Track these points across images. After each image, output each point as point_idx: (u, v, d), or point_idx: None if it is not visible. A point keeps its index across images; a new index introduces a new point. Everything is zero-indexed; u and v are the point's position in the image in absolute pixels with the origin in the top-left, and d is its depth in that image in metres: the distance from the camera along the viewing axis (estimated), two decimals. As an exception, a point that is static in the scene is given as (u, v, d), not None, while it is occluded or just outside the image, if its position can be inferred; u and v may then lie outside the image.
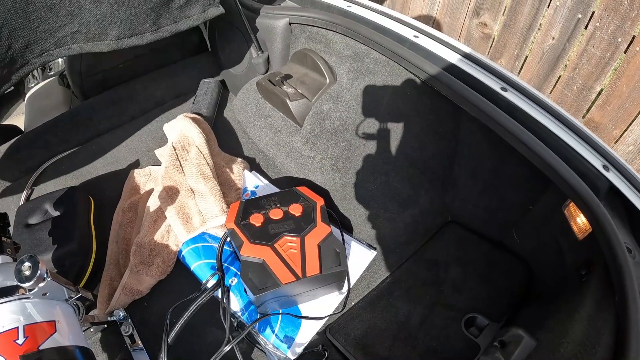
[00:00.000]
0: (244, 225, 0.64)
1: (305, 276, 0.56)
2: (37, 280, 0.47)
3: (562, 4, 1.17)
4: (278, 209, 0.66)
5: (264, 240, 0.61)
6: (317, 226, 0.63)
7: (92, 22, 0.70)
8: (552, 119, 0.62)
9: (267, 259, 0.58)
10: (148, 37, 0.76)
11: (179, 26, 0.78)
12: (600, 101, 1.22)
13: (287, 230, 0.62)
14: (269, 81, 0.82)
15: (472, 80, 0.65)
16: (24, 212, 0.80)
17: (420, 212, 0.76)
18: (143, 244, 0.73)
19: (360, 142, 0.78)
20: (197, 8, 0.78)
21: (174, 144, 0.84)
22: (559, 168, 0.55)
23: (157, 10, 0.74)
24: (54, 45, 0.71)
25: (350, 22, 0.76)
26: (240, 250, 0.60)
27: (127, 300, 0.70)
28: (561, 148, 0.57)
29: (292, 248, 0.60)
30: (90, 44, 0.73)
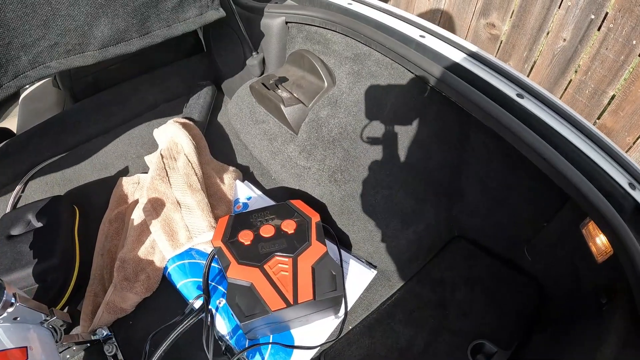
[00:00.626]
0: (232, 243, 0.59)
1: (297, 302, 0.52)
2: (2, 306, 0.44)
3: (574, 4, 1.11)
4: (269, 225, 0.61)
5: (253, 260, 0.56)
6: (312, 245, 0.58)
7: (71, 30, 0.63)
8: (573, 129, 0.56)
9: (255, 283, 0.54)
10: (136, 44, 0.69)
11: (172, 31, 0.71)
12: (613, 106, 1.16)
13: (278, 249, 0.57)
14: (262, 84, 0.77)
15: (485, 86, 0.59)
16: (6, 222, 0.76)
17: (425, 228, 0.71)
18: (127, 260, 0.69)
19: (360, 152, 0.73)
20: (192, 10, 0.72)
21: (162, 152, 0.79)
22: (579, 183, 0.50)
23: (143, 12, 0.67)
24: (29, 65, 0.64)
25: (351, 20, 0.71)
26: (227, 272, 0.55)
27: (110, 319, 0.66)
28: (583, 162, 0.51)
29: (283, 270, 0.55)
30: (72, 57, 0.66)
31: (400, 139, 0.72)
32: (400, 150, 0.72)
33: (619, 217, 0.47)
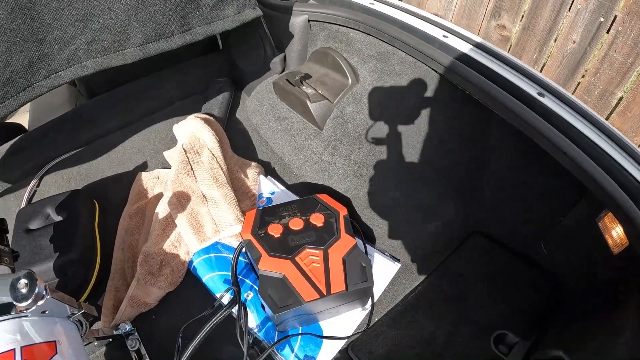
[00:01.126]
0: (262, 236, 0.59)
1: (329, 293, 0.52)
2: (35, 298, 0.43)
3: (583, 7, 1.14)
4: (298, 218, 0.62)
5: (284, 252, 0.57)
6: (341, 238, 0.59)
7: (110, 26, 0.60)
8: (591, 126, 0.58)
9: (287, 274, 0.54)
10: (177, 41, 0.67)
11: (212, 28, 0.70)
12: (621, 107, 1.19)
13: (308, 242, 0.58)
14: (287, 81, 0.78)
15: (508, 84, 0.61)
16: (24, 216, 0.75)
17: (444, 223, 0.72)
18: (151, 254, 0.69)
19: (384, 148, 0.74)
20: (230, 9, 0.71)
21: (184, 146, 0.80)
22: (598, 177, 0.52)
23: (184, 8, 0.65)
24: (64, 64, 0.59)
25: (374, 20, 0.72)
26: (258, 264, 0.56)
27: (133, 313, 0.66)
28: (600, 157, 0.54)
29: (314, 262, 0.56)
30: (111, 55, 0.62)
31: (422, 136, 0.73)
32: (422, 147, 0.73)
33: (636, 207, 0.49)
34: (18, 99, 0.58)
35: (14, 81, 0.57)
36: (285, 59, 0.90)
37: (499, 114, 0.63)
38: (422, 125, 0.73)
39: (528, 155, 0.68)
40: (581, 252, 0.65)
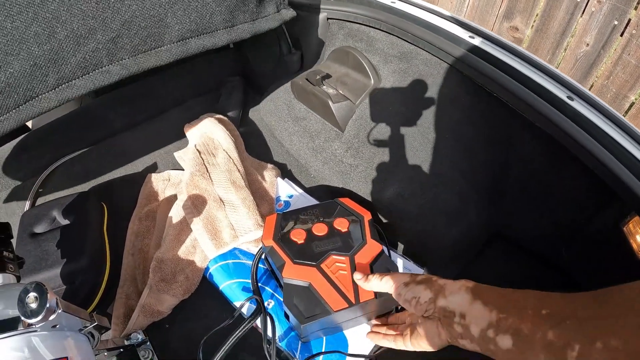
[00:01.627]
0: (284, 242, 0.56)
1: (358, 302, 0.49)
2: (46, 314, 0.39)
3: (597, 10, 1.13)
4: (321, 223, 0.59)
5: (308, 259, 0.54)
6: (367, 244, 0.56)
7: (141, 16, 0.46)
8: (620, 131, 0.59)
9: (314, 282, 0.51)
10: (223, 37, 0.56)
11: (256, 26, 0.62)
12: (634, 110, 1.18)
13: (333, 248, 0.55)
14: (307, 80, 0.75)
15: (537, 87, 0.61)
16: (29, 219, 0.72)
17: (467, 227, 0.71)
18: (165, 260, 0.66)
19: (408, 151, 0.72)
20: (271, 7, 0.65)
21: (197, 147, 0.77)
22: (627, 180, 0.52)
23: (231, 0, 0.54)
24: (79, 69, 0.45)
25: (397, 19, 0.70)
26: (282, 272, 0.53)
27: (146, 322, 0.63)
28: (629, 161, 0.54)
29: (341, 269, 0.53)
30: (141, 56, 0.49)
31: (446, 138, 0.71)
32: (446, 150, 0.71)
33: None
34: (18, 113, 0.45)
35: (11, 91, 0.43)
36: (302, 57, 0.87)
37: (527, 117, 0.62)
38: (447, 127, 0.71)
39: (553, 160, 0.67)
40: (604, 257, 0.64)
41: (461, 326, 0.33)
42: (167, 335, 0.63)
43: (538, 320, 0.28)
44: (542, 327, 0.28)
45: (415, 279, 0.40)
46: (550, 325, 0.27)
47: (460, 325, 0.33)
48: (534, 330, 0.28)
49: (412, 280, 0.40)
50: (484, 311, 0.32)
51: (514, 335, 0.29)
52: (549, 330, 0.27)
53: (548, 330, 0.27)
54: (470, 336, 0.32)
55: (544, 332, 0.27)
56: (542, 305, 0.29)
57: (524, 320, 0.29)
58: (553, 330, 0.27)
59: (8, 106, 0.44)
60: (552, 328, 0.27)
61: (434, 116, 0.71)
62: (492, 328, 0.31)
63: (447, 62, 0.68)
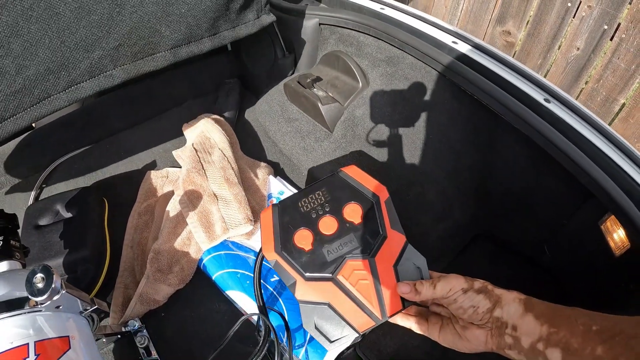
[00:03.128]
0: (289, 252, 0.46)
1: (385, 317, 0.41)
2: (51, 293, 0.43)
3: (588, 15, 1.16)
4: (329, 216, 0.48)
5: (322, 271, 0.44)
6: (388, 237, 0.45)
7: (139, 27, 0.52)
8: (595, 132, 0.60)
9: (332, 301, 0.42)
10: (207, 44, 0.63)
11: (237, 32, 0.67)
12: (624, 114, 1.20)
13: (349, 250, 0.45)
14: (298, 83, 0.79)
15: (515, 90, 0.63)
16: (33, 212, 0.76)
17: (452, 226, 0.73)
18: (161, 251, 0.69)
19: (394, 151, 0.75)
20: (251, 14, 0.69)
21: (195, 146, 0.80)
22: (602, 182, 0.54)
23: (214, 10, 0.61)
24: (87, 72, 0.51)
25: (385, 24, 0.73)
26: (294, 293, 0.44)
27: (142, 310, 0.66)
28: (604, 162, 0.55)
29: (361, 278, 0.43)
30: (140, 62, 0.56)
31: (432, 140, 0.74)
32: (432, 151, 0.74)
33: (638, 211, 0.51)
34: (32, 111, 0.50)
35: (27, 91, 0.48)
36: (295, 61, 0.91)
37: (506, 119, 0.64)
38: (432, 129, 0.74)
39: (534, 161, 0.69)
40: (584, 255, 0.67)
41: (512, 337, 0.34)
42: (163, 323, 0.67)
43: (588, 335, 0.29)
44: (591, 342, 0.28)
45: (473, 286, 0.37)
46: (599, 341, 0.28)
47: (511, 337, 0.34)
48: (583, 345, 0.29)
49: (469, 287, 0.37)
50: (535, 324, 0.32)
51: (564, 349, 0.30)
52: (598, 346, 0.28)
53: (597, 346, 0.28)
54: (520, 347, 0.33)
55: (593, 347, 0.28)
56: (593, 322, 0.30)
57: (575, 335, 0.30)
58: (602, 346, 0.28)
59: (24, 105, 0.49)
60: (602, 344, 0.28)
61: (420, 118, 0.74)
62: (542, 341, 0.31)
63: (432, 67, 0.71)
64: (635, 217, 0.50)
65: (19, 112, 0.50)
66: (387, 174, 0.74)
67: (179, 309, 0.68)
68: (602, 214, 0.61)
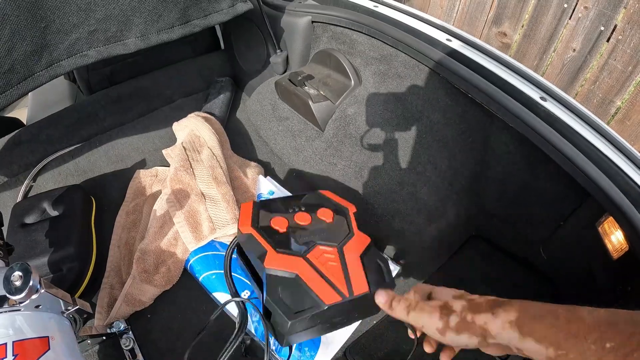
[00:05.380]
0: (265, 230, 0.50)
1: (352, 295, 0.43)
2: (28, 292, 0.42)
3: (584, 16, 1.15)
4: (304, 212, 0.54)
5: (294, 249, 0.48)
6: (355, 235, 0.51)
7: (113, 16, 0.60)
8: (592, 131, 0.59)
9: (301, 273, 0.45)
10: (177, 32, 0.68)
11: (209, 20, 0.71)
12: (620, 115, 1.20)
13: (320, 238, 0.50)
14: (289, 81, 0.78)
15: (511, 88, 0.61)
16: (20, 210, 0.74)
17: (446, 225, 0.72)
18: (147, 251, 0.68)
19: (386, 150, 0.74)
20: (225, 2, 0.72)
21: (184, 144, 0.79)
22: (600, 181, 0.52)
23: (185, 0, 0.66)
24: (65, 53, 0.60)
25: (378, 22, 0.72)
26: (264, 262, 0.46)
27: (128, 311, 0.65)
28: (602, 161, 0.54)
29: (330, 260, 0.47)
30: (111, 45, 0.63)
31: (425, 139, 0.73)
32: (424, 149, 0.73)
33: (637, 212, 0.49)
34: (19, 88, 0.58)
35: (15, 70, 0.56)
36: (287, 59, 0.90)
37: (501, 117, 0.63)
38: (425, 128, 0.73)
39: (530, 160, 0.68)
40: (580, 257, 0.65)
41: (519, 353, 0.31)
42: (149, 325, 0.65)
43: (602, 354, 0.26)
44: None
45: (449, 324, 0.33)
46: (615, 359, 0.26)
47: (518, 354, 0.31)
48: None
49: (445, 326, 0.33)
50: (539, 347, 0.29)
51: None
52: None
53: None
54: None
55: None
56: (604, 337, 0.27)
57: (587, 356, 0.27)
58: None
59: (12, 83, 0.57)
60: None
61: (413, 117, 0.73)
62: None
63: (425, 64, 0.70)
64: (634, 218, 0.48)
65: (8, 90, 0.56)
66: (379, 172, 0.73)
67: (165, 311, 0.67)
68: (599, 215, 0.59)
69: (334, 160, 0.75)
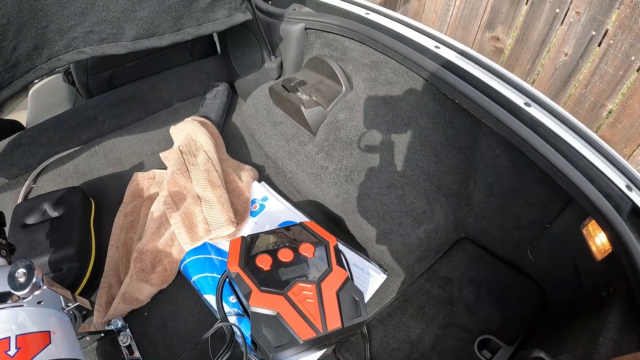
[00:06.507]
0: (250, 269, 0.55)
1: (326, 330, 0.50)
2: (32, 288, 0.44)
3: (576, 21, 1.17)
4: (287, 249, 0.59)
5: (275, 287, 0.53)
6: (333, 271, 0.56)
7: (107, 21, 0.66)
8: (575, 136, 0.60)
9: (281, 311, 0.51)
10: (168, 39, 0.72)
11: (202, 30, 0.74)
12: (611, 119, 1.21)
13: (300, 275, 0.55)
14: (282, 87, 0.80)
15: (496, 94, 0.63)
16: (21, 211, 0.77)
17: (434, 228, 0.74)
18: (145, 251, 0.70)
19: (376, 154, 0.76)
20: (222, 12, 0.75)
21: (180, 148, 0.81)
22: (582, 186, 0.53)
23: (177, 10, 0.70)
24: (63, 49, 0.66)
25: (369, 29, 0.74)
26: (249, 301, 0.52)
27: (125, 309, 0.67)
28: (584, 166, 0.55)
29: (308, 297, 0.53)
30: (105, 45, 0.69)
31: (413, 143, 0.75)
32: (413, 154, 0.75)
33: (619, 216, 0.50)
34: (22, 80, 0.64)
35: (19, 65, 0.62)
36: (281, 65, 0.92)
37: (486, 122, 0.65)
38: (414, 133, 0.75)
39: (516, 164, 0.69)
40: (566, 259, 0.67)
41: None
42: (145, 323, 0.67)
43: None
44: None
45: None
46: None
47: None
48: None
49: None
50: None
51: None
52: None
53: None
54: None
55: None
56: None
57: None
58: None
59: (17, 75, 0.64)
60: None
61: (402, 121, 0.75)
62: None
63: (414, 71, 0.72)
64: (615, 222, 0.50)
65: (13, 81, 0.63)
66: (369, 176, 0.75)
67: (162, 309, 0.69)
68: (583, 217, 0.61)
69: (325, 163, 0.77)
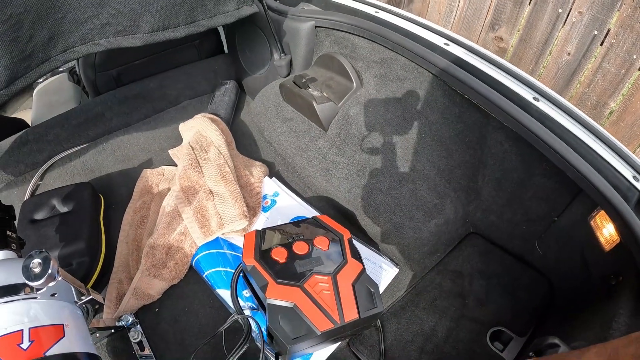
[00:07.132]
0: (266, 261, 0.55)
1: (343, 321, 0.50)
2: (47, 279, 0.43)
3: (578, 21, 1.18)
4: (302, 242, 0.58)
5: (291, 279, 0.53)
6: (348, 263, 0.56)
7: (124, 13, 0.66)
8: (583, 129, 0.61)
9: (298, 302, 0.50)
10: (182, 31, 0.73)
11: (214, 22, 0.76)
12: (614, 117, 1.23)
13: (315, 267, 0.55)
14: (294, 83, 0.81)
15: (505, 90, 0.64)
16: (29, 206, 0.76)
17: (444, 222, 0.75)
18: (156, 246, 0.70)
19: (387, 149, 0.76)
20: (231, 4, 0.77)
21: (191, 143, 0.82)
22: (591, 177, 0.54)
23: (191, 2, 0.71)
24: (79, 40, 0.66)
25: (379, 27, 0.75)
26: (265, 292, 0.51)
27: (136, 305, 0.66)
28: (593, 158, 0.56)
29: (324, 289, 0.52)
30: (121, 38, 0.68)
31: (424, 138, 0.76)
32: (423, 148, 0.76)
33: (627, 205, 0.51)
34: (37, 71, 0.63)
35: (34, 55, 0.62)
36: (291, 62, 0.93)
37: (496, 117, 0.66)
38: (423, 128, 0.76)
39: (524, 158, 0.70)
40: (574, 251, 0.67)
41: None
42: (156, 319, 0.67)
43: None
44: None
45: None
46: None
47: None
48: None
49: None
50: None
51: None
52: None
53: None
54: None
55: None
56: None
57: None
58: None
59: (32, 66, 0.63)
60: None
61: (412, 117, 0.76)
62: None
63: (424, 67, 0.73)
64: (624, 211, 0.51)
65: (28, 72, 0.62)
66: (380, 170, 0.76)
67: (173, 304, 0.68)
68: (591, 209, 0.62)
69: (337, 158, 0.78)
